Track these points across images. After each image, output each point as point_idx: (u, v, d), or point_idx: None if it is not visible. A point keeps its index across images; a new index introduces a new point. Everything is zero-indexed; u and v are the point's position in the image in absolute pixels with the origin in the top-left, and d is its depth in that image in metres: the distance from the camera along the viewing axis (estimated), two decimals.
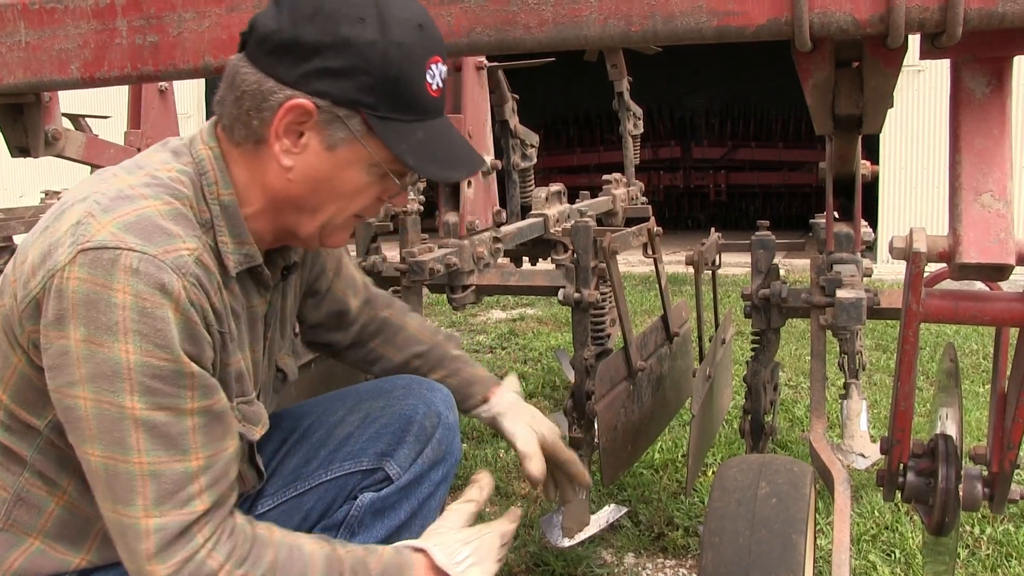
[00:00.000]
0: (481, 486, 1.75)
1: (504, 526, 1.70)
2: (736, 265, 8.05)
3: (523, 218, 3.46)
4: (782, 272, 2.59)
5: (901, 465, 1.79)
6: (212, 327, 1.38)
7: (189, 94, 10.31)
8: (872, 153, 8.75)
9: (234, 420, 1.44)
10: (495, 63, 3.14)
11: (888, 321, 4.72)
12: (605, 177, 4.23)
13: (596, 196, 4.09)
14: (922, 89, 8.77)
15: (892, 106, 1.61)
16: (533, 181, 3.89)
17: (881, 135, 8.60)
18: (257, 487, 1.70)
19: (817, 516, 2.71)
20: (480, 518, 1.70)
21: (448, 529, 1.64)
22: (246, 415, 1.53)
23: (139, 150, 3.72)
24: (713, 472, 3.26)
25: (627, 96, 4.42)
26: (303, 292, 1.80)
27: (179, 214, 1.37)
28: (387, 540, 1.79)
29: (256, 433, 1.55)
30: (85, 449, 1.30)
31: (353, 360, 1.97)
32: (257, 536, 1.39)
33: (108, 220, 1.29)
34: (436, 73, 1.42)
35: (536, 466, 1.84)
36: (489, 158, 2.88)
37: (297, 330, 1.89)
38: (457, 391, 1.90)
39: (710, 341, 2.95)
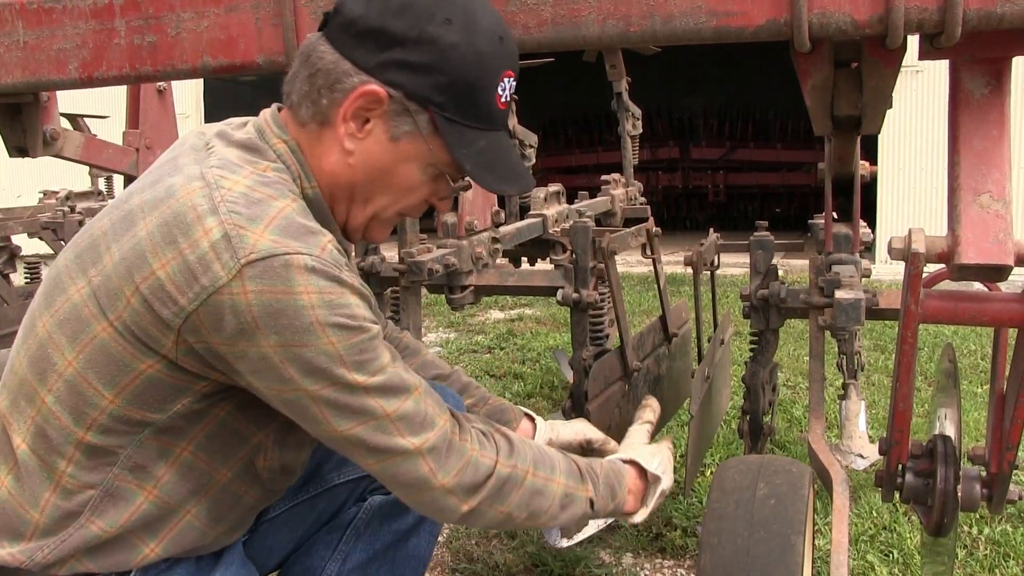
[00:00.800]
0: (653, 407, 2.09)
1: (670, 445, 1.91)
2: (735, 265, 8.05)
3: (522, 218, 3.46)
4: (781, 273, 2.59)
5: (900, 466, 1.79)
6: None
7: (187, 94, 10.32)
8: (871, 154, 8.75)
9: None
10: None
11: (887, 322, 4.72)
12: (604, 177, 4.23)
13: (595, 196, 4.09)
14: (921, 90, 8.77)
15: (891, 107, 1.61)
16: None
17: (880, 136, 8.60)
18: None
19: (816, 516, 2.71)
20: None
21: (639, 444, 1.93)
22: None
23: (137, 151, 3.73)
24: (712, 472, 3.26)
25: (626, 96, 4.41)
26: None
27: (305, 211, 1.40)
28: (394, 545, 1.79)
29: None
30: (325, 431, 1.38)
31: None
32: (510, 434, 1.56)
33: (261, 229, 1.30)
34: (507, 87, 1.45)
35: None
36: None
37: None
38: (488, 417, 1.92)
39: (709, 341, 2.94)
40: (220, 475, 1.47)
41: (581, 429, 2.00)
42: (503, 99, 1.45)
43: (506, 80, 1.44)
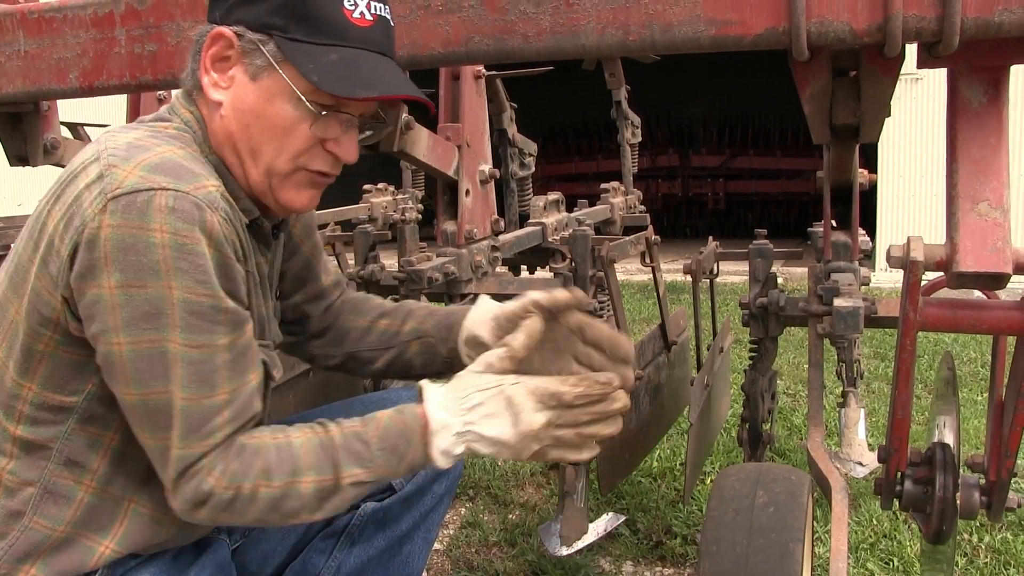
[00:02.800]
0: (521, 330, 1.52)
1: (547, 382, 1.43)
2: (734, 273, 8.05)
3: (521, 227, 3.46)
4: (780, 280, 2.59)
5: (899, 473, 1.79)
6: (242, 263, 1.40)
7: None
8: (870, 162, 8.76)
9: (258, 351, 1.45)
10: (493, 72, 3.14)
11: (886, 329, 4.72)
12: (603, 186, 4.24)
13: (594, 205, 4.09)
14: (920, 98, 8.78)
15: (889, 115, 1.61)
16: (531, 190, 3.89)
17: (879, 144, 8.61)
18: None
19: (815, 524, 2.71)
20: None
21: (468, 373, 1.48)
22: (269, 357, 1.56)
23: None
24: (711, 480, 3.26)
25: (625, 105, 4.42)
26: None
27: (195, 158, 1.40)
28: (388, 551, 1.79)
29: (277, 374, 1.58)
30: (124, 390, 1.33)
31: (323, 347, 1.86)
32: (245, 447, 1.38)
33: (132, 166, 1.30)
34: (358, 3, 1.42)
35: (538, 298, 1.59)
36: (488, 167, 2.89)
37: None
38: (438, 330, 1.76)
39: (708, 349, 2.95)
40: None
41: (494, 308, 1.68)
42: (356, 14, 1.42)
43: None
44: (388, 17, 1.47)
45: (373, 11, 1.44)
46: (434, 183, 2.83)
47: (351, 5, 1.42)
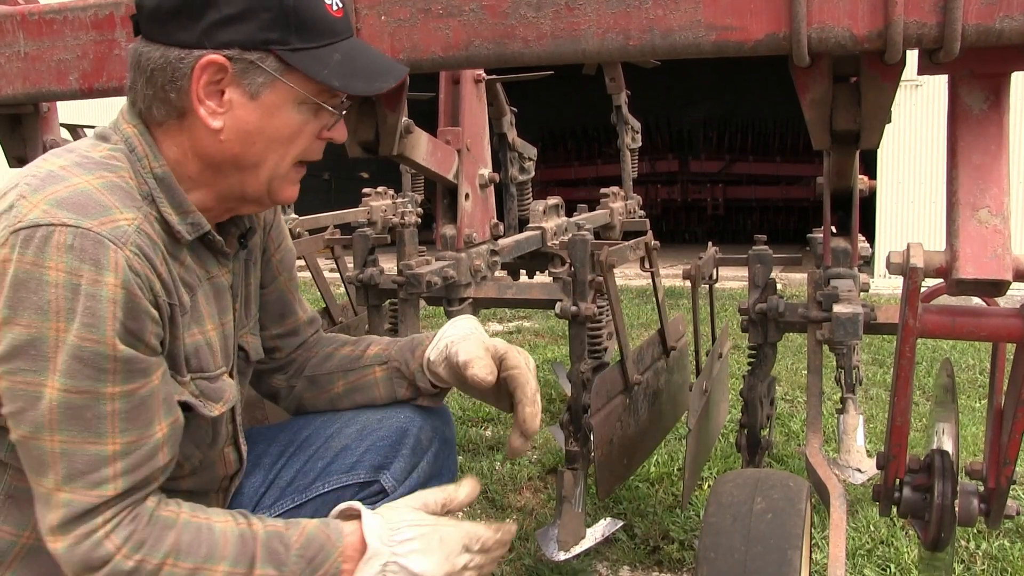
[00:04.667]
0: (462, 483, 1.60)
1: (477, 529, 1.52)
2: (733, 279, 8.06)
3: (520, 231, 3.46)
4: (779, 286, 2.59)
5: (897, 480, 1.79)
6: (160, 298, 1.35)
7: None
8: (870, 168, 8.77)
9: (169, 403, 1.39)
10: (493, 76, 3.14)
11: (885, 336, 4.72)
12: (603, 190, 4.24)
13: (594, 209, 4.10)
14: (920, 104, 8.80)
15: (890, 121, 1.61)
16: (531, 194, 3.89)
17: (879, 150, 8.62)
18: (239, 471, 1.68)
19: (813, 531, 2.70)
20: None
21: (404, 504, 1.53)
22: (204, 391, 1.50)
23: None
24: (709, 486, 3.26)
25: (625, 110, 4.42)
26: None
27: (115, 186, 1.35)
28: None
29: (215, 410, 1.52)
30: (15, 428, 1.29)
31: (285, 380, 1.86)
32: (159, 518, 1.34)
33: (40, 198, 1.27)
34: None
35: (480, 368, 1.63)
36: (487, 171, 2.89)
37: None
38: (401, 354, 1.79)
39: (707, 355, 2.94)
40: None
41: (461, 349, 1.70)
42: (334, 7, 1.42)
43: None
44: None
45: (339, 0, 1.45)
46: (433, 187, 2.83)
47: (329, 0, 1.42)
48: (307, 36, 1.39)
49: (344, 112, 1.50)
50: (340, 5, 1.44)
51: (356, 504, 1.51)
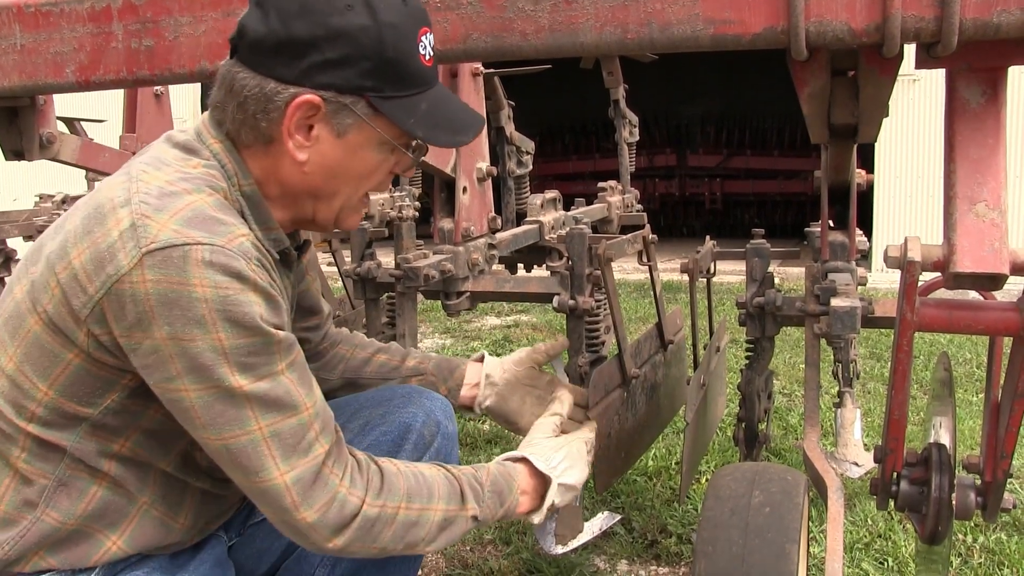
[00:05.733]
0: (561, 399, 1.97)
1: (586, 434, 1.92)
2: (731, 273, 8.05)
3: (518, 225, 3.45)
4: (777, 281, 2.59)
5: (895, 474, 1.79)
6: (282, 298, 1.43)
7: (184, 99, 10.31)
8: (867, 162, 8.76)
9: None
10: (491, 70, 3.14)
11: (882, 330, 4.72)
12: (600, 184, 4.23)
13: (591, 204, 4.09)
14: (917, 98, 8.79)
15: (888, 115, 1.61)
16: (528, 188, 3.88)
17: (876, 144, 8.62)
18: None
19: (810, 524, 2.71)
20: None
21: (540, 439, 1.84)
22: None
23: (134, 154, 3.72)
24: (707, 480, 3.26)
25: (623, 104, 4.41)
26: None
27: (223, 205, 1.40)
28: None
29: None
30: (200, 435, 1.37)
31: (316, 371, 1.90)
32: (384, 469, 1.51)
33: (166, 219, 1.31)
34: (426, 43, 1.46)
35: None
36: (485, 165, 2.88)
37: None
38: (439, 371, 2.01)
39: (704, 349, 2.94)
40: (161, 465, 1.50)
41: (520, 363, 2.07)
42: (427, 56, 1.46)
43: (424, 38, 1.45)
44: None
45: (432, 45, 1.49)
46: (431, 181, 2.82)
47: (423, 49, 1.45)
48: (399, 85, 1.43)
49: (422, 155, 1.57)
50: (431, 54, 1.48)
51: (511, 453, 1.79)
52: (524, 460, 1.75)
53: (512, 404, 2.02)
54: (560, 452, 1.80)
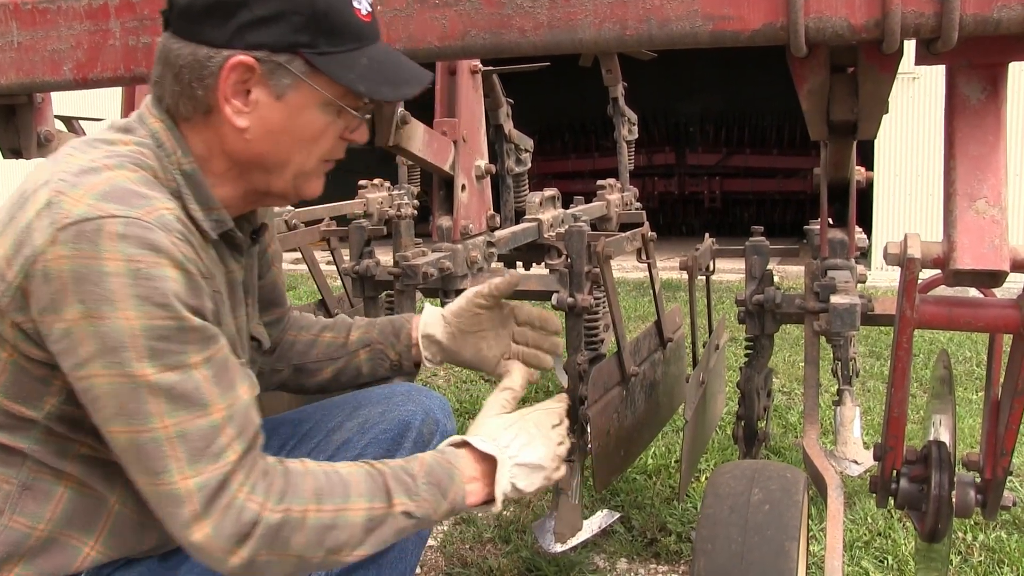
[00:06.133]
0: (511, 372, 1.79)
1: (550, 404, 1.73)
2: (730, 271, 8.05)
3: (517, 223, 3.45)
4: (776, 279, 2.59)
5: (894, 471, 1.79)
6: (206, 280, 1.37)
7: None
8: (867, 160, 8.76)
9: (240, 367, 1.42)
10: (490, 67, 3.13)
11: (882, 328, 4.72)
12: (599, 183, 4.23)
13: (590, 202, 4.09)
14: (917, 96, 8.79)
15: (887, 112, 1.61)
16: (527, 186, 3.88)
17: (876, 141, 8.62)
18: None
19: (810, 522, 2.70)
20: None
21: (488, 418, 1.67)
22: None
23: None
24: (706, 478, 3.26)
25: (622, 102, 4.41)
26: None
27: (148, 181, 1.36)
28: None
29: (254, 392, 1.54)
30: (108, 428, 1.29)
31: (271, 363, 1.90)
32: (290, 469, 1.39)
33: (81, 194, 1.27)
34: (361, 1, 1.42)
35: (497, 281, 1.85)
36: (484, 163, 2.88)
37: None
38: (384, 336, 1.90)
39: (704, 347, 2.94)
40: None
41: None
42: (363, 11, 1.42)
43: None
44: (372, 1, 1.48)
45: (369, 2, 1.45)
46: (430, 178, 2.82)
47: (357, 3, 1.42)
48: (335, 40, 1.39)
49: (367, 115, 1.52)
50: (369, 10, 1.44)
51: (457, 436, 1.63)
52: (466, 444, 1.59)
53: (467, 355, 1.88)
54: (512, 429, 1.62)
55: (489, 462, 1.58)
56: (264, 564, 1.33)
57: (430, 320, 1.90)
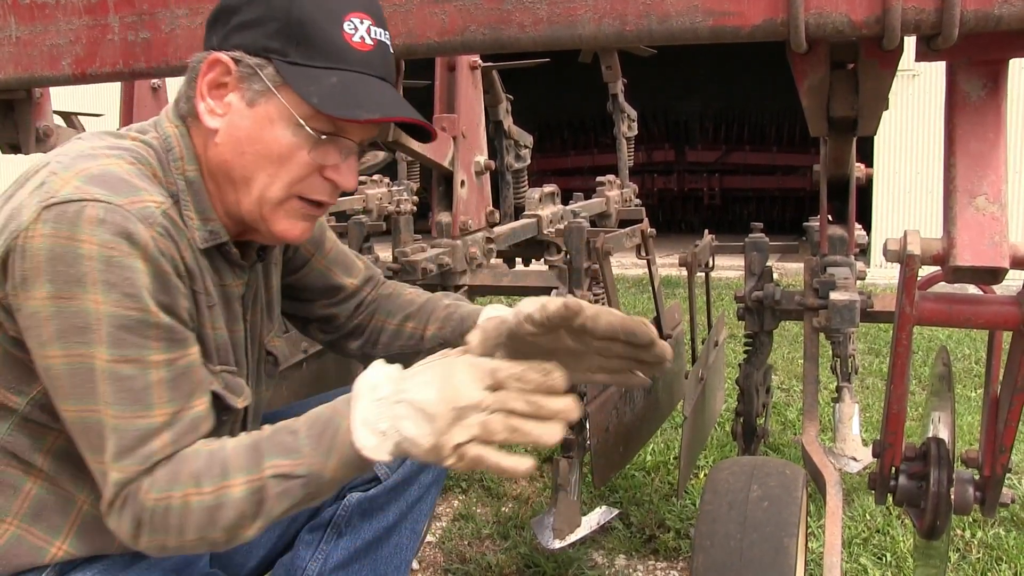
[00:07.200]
0: (478, 330, 1.38)
1: (503, 364, 1.26)
2: (730, 268, 8.05)
3: (516, 219, 3.45)
4: (775, 275, 2.59)
5: (893, 468, 1.79)
6: (184, 280, 1.35)
7: None
8: (866, 156, 8.75)
9: (207, 378, 1.40)
10: (489, 63, 3.13)
11: (881, 325, 4.72)
12: (599, 179, 4.23)
13: (590, 198, 4.09)
14: (917, 93, 8.79)
15: (888, 108, 1.60)
16: (527, 182, 3.88)
17: (875, 138, 8.62)
18: None
19: (809, 519, 2.70)
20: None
21: (408, 370, 1.32)
22: (228, 384, 1.49)
23: None
24: (705, 474, 3.26)
25: (621, 98, 4.41)
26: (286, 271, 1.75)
27: (144, 175, 1.36)
28: (375, 542, 1.78)
29: (238, 403, 1.51)
30: (62, 407, 1.29)
31: (362, 347, 1.85)
32: (180, 455, 1.30)
33: (71, 175, 1.28)
34: (358, 27, 1.39)
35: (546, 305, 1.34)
36: (483, 159, 2.88)
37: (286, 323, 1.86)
38: (454, 337, 1.71)
39: (703, 343, 2.94)
40: None
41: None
42: (356, 38, 1.39)
43: (355, 20, 1.38)
44: (388, 43, 1.45)
45: (373, 35, 1.41)
46: (429, 174, 2.82)
47: (351, 29, 1.38)
48: (308, 53, 1.37)
49: (354, 154, 1.46)
50: (369, 40, 1.40)
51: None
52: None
53: None
54: (422, 375, 1.28)
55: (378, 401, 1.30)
56: (173, 548, 1.31)
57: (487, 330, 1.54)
